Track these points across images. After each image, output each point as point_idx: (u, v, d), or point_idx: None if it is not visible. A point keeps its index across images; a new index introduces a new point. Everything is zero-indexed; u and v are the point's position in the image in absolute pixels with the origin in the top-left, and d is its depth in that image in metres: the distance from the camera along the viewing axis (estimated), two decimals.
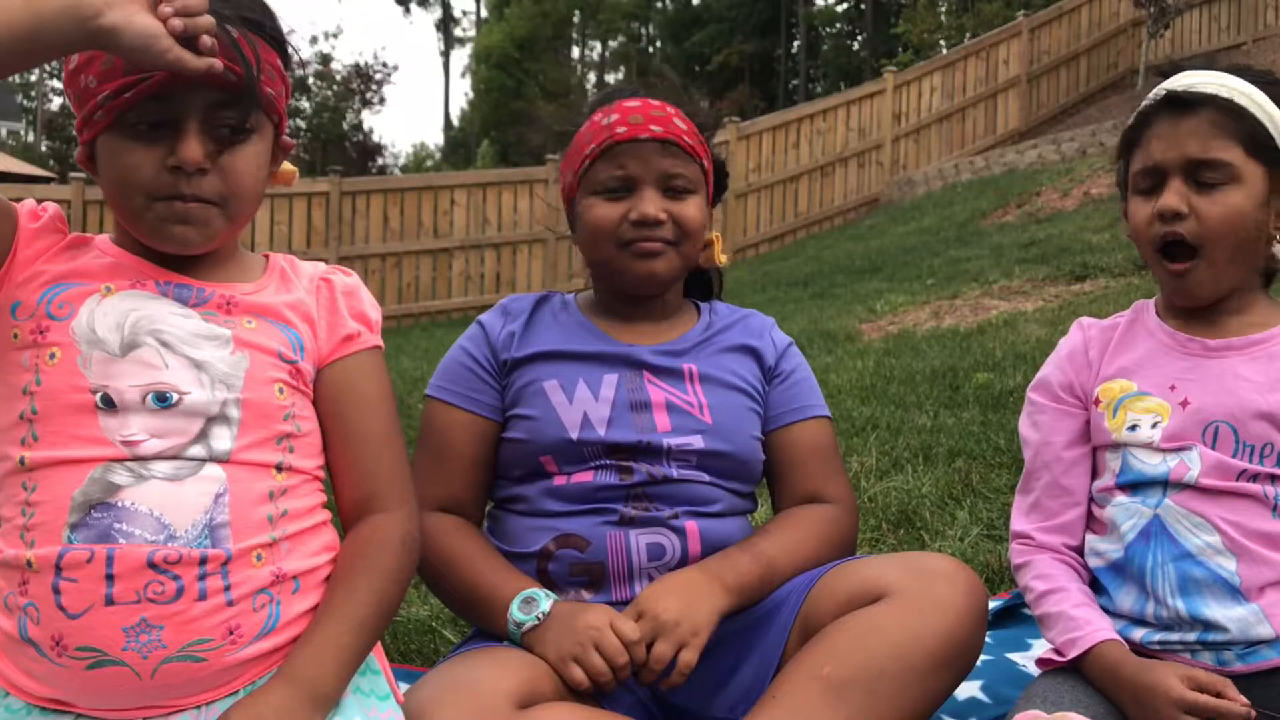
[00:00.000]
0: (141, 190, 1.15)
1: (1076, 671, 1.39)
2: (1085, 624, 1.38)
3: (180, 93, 1.12)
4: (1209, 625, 1.34)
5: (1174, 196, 1.37)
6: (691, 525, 1.49)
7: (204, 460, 1.14)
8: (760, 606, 1.46)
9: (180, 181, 1.14)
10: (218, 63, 1.09)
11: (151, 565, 1.08)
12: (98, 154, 1.17)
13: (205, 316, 1.19)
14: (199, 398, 1.15)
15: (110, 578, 1.07)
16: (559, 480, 1.51)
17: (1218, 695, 1.25)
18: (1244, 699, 1.24)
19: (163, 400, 1.13)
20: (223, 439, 1.15)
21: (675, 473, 1.50)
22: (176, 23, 1.04)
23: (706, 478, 1.52)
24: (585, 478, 1.50)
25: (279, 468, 1.19)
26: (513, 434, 1.55)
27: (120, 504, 1.09)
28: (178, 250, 1.20)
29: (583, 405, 1.52)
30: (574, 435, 1.50)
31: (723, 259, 1.68)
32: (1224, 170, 1.36)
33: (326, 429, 1.27)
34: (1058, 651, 1.41)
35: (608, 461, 1.50)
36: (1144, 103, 1.43)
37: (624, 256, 1.55)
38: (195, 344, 1.16)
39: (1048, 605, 1.43)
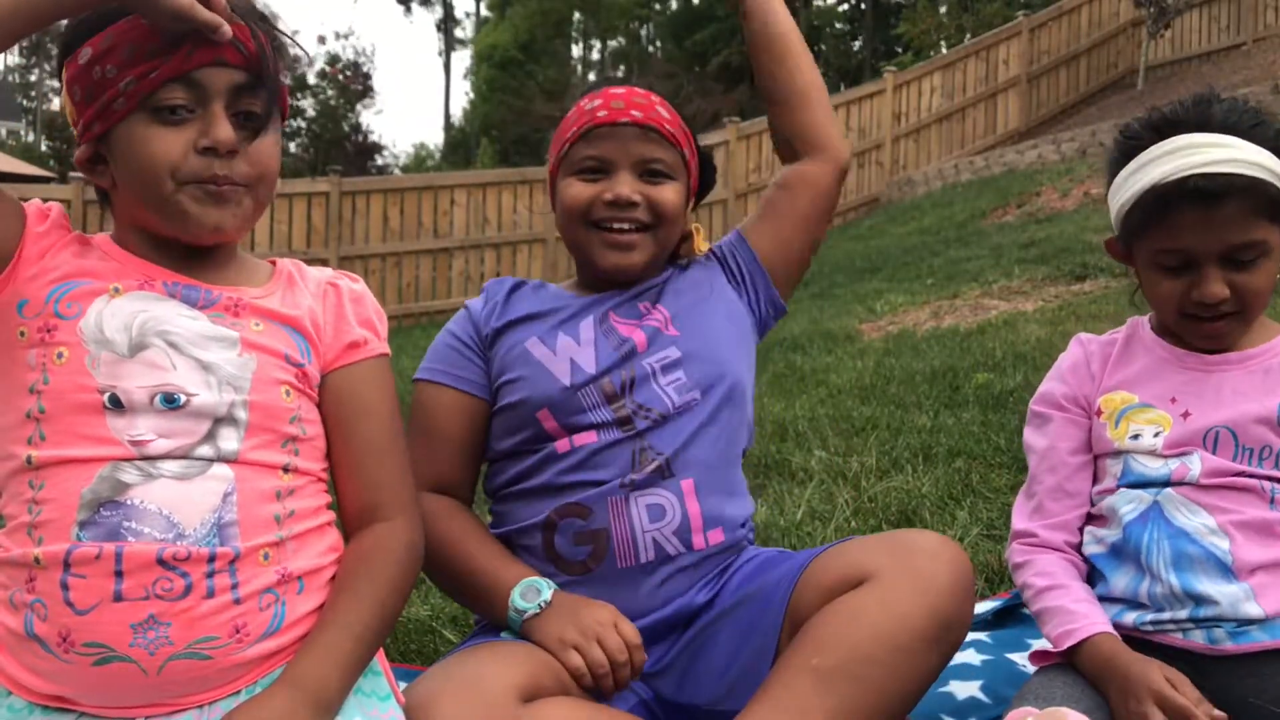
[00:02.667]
0: (170, 173, 1.15)
1: (1069, 669, 1.41)
2: (1082, 617, 1.40)
3: (204, 76, 1.15)
4: (1200, 600, 1.37)
5: (1218, 286, 1.39)
6: (688, 484, 1.49)
7: (212, 460, 1.14)
8: (751, 597, 1.46)
9: (214, 164, 1.16)
10: (228, 27, 1.13)
11: (160, 562, 1.09)
12: (114, 145, 1.17)
13: (213, 318, 1.19)
14: (207, 399, 1.15)
15: (119, 574, 1.08)
16: (562, 445, 1.51)
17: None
18: (1220, 715, 1.26)
19: (170, 401, 1.13)
20: (230, 440, 1.15)
21: (670, 401, 1.50)
22: None
23: (699, 395, 1.52)
24: (589, 439, 1.50)
25: (285, 469, 1.19)
26: (507, 399, 1.55)
27: (129, 502, 1.10)
28: (210, 236, 1.20)
29: (568, 353, 1.54)
30: (567, 382, 1.51)
31: (704, 248, 1.69)
32: (1260, 247, 1.39)
33: (330, 435, 1.27)
34: (1054, 644, 1.42)
35: (607, 413, 1.50)
36: (1157, 179, 1.39)
37: (594, 240, 1.57)
38: (203, 345, 1.17)
39: (1046, 600, 1.45)
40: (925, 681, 1.35)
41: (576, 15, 37.91)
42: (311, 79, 18.12)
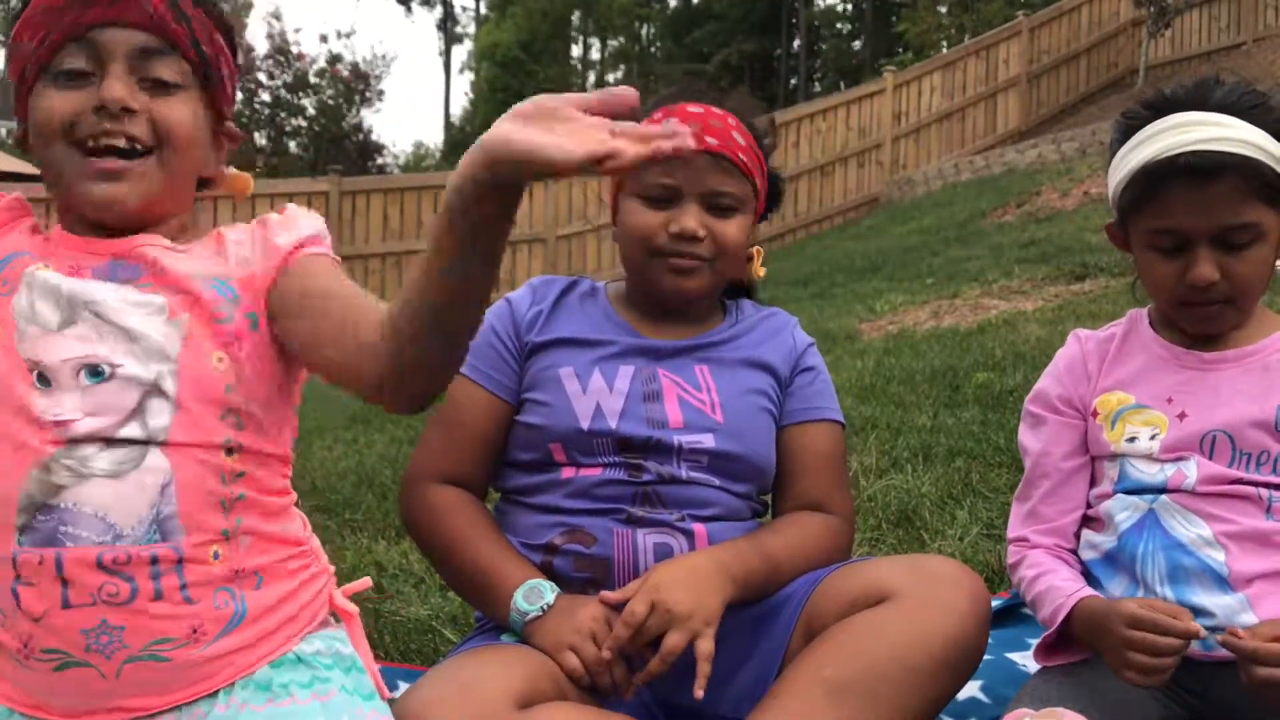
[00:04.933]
0: (61, 132, 1.11)
1: (1066, 670, 1.41)
2: (1066, 591, 1.40)
3: (102, 37, 1.11)
4: (1196, 611, 1.35)
5: (1209, 268, 1.37)
6: (700, 528, 1.48)
7: (143, 442, 1.08)
8: (762, 605, 1.47)
9: (105, 122, 1.11)
10: None
11: (101, 566, 1.05)
12: (29, 117, 1.14)
13: (140, 287, 1.13)
14: (132, 370, 1.08)
15: (64, 581, 1.04)
16: (567, 473, 1.50)
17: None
18: (1195, 625, 1.27)
19: (95, 374, 1.08)
20: (160, 415, 1.08)
21: (685, 474, 1.49)
22: None
23: (717, 481, 1.51)
24: (593, 473, 1.49)
25: (229, 450, 1.12)
26: (526, 418, 1.54)
27: (63, 505, 1.05)
28: (109, 214, 1.13)
29: (596, 395, 1.51)
30: (585, 425, 1.49)
31: (761, 272, 1.66)
32: (1254, 230, 1.37)
33: (304, 334, 1.14)
34: (1048, 624, 1.42)
35: (617, 459, 1.49)
36: (1150, 155, 1.39)
37: (656, 266, 1.54)
38: (129, 312, 1.11)
39: (1038, 586, 1.45)
40: (935, 707, 1.35)
41: (576, 14, 37.89)
42: (312, 78, 18.08)
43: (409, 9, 40.32)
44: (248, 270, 1.17)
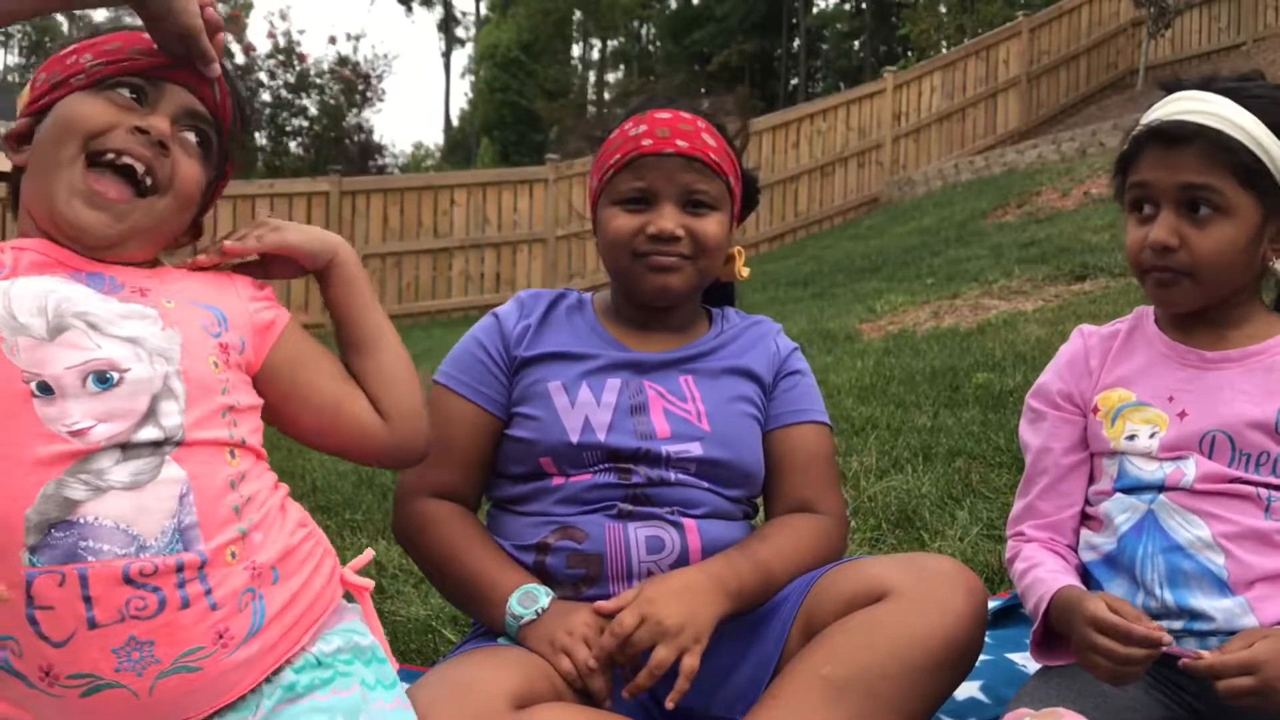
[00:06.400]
0: (84, 136, 1.14)
1: (1065, 670, 1.41)
2: (1047, 583, 1.41)
3: (163, 82, 1.19)
4: (1195, 615, 1.35)
5: (1164, 230, 1.38)
6: (690, 522, 1.49)
7: (159, 444, 1.08)
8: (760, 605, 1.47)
9: (134, 142, 1.16)
10: (218, 66, 1.20)
11: (128, 580, 1.03)
12: (52, 114, 1.17)
13: (123, 299, 1.14)
14: (141, 373, 1.09)
15: (88, 600, 1.02)
16: (557, 481, 1.51)
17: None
18: (1160, 628, 1.26)
19: (103, 380, 1.07)
20: (171, 414, 1.09)
21: (674, 477, 1.50)
22: (210, 11, 1.17)
23: (706, 485, 1.52)
24: (584, 478, 1.50)
25: (232, 452, 1.14)
26: (516, 432, 1.55)
27: (82, 520, 1.02)
28: (81, 239, 1.15)
29: (584, 409, 1.52)
30: (574, 439, 1.50)
31: (744, 273, 1.67)
32: (1217, 197, 1.36)
33: (293, 404, 1.28)
34: (1034, 617, 1.42)
35: (607, 465, 1.50)
36: (1135, 129, 1.44)
37: (637, 268, 1.55)
38: (123, 323, 1.11)
39: (1025, 581, 1.46)
40: (932, 705, 1.35)
41: (577, 15, 37.89)
42: (315, 79, 18.05)
43: (409, 9, 40.31)
44: (232, 308, 1.24)
